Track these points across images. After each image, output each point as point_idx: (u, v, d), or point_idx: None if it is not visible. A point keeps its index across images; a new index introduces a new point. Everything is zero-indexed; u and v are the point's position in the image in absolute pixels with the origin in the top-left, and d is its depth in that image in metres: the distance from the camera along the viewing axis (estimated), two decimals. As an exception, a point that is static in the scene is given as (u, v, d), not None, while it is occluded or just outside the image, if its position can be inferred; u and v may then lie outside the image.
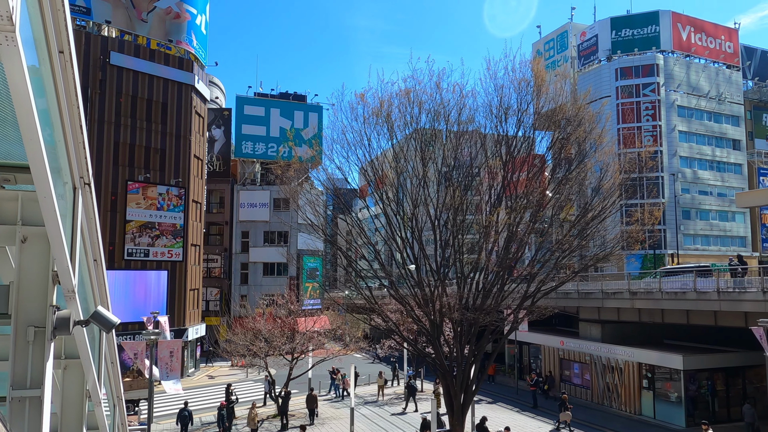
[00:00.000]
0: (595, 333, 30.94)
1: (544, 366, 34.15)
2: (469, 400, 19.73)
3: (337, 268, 29.85)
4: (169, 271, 37.29)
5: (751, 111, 75.30)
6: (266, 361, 26.52)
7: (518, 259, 19.54)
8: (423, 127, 19.19)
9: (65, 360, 4.75)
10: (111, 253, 35.35)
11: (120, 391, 7.25)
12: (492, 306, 18.77)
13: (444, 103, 18.70)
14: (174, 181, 37.83)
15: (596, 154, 17.74)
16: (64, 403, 4.70)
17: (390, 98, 18.96)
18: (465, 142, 19.11)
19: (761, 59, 77.88)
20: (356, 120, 18.40)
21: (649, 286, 27.50)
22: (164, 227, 37.28)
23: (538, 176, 17.99)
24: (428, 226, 19.26)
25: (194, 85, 39.25)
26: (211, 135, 50.70)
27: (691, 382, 25.60)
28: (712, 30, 70.88)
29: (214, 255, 51.36)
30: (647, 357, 27.24)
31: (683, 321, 25.81)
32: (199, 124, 41.19)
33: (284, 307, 28.04)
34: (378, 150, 19.19)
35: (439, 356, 19.36)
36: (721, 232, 68.11)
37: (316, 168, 23.26)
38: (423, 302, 18.69)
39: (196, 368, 40.55)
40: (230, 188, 52.26)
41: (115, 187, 35.63)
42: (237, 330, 27.27)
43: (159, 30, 38.68)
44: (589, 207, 17.31)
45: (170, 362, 16.03)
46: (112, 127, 35.67)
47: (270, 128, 53.11)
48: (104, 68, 35.32)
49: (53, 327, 3.45)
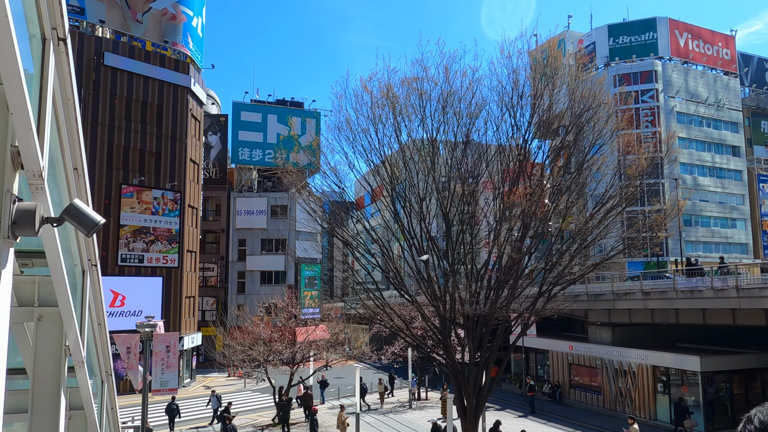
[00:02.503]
0: (605, 337, 29.95)
1: (553, 372, 33.07)
2: (482, 402, 18.67)
3: (342, 271, 28.74)
4: (164, 278, 36.12)
5: (749, 118, 75.21)
6: (266, 367, 25.35)
7: (534, 251, 18.60)
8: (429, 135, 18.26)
9: (39, 308, 4.10)
10: (104, 258, 34.20)
11: (110, 366, 6.52)
12: (505, 302, 17.81)
13: (453, 92, 17.88)
14: (169, 185, 36.83)
15: (616, 140, 16.92)
16: (37, 363, 4.10)
17: (390, 90, 18.10)
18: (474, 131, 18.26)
19: (758, 66, 78.02)
20: (363, 106, 17.51)
21: (661, 285, 26.62)
22: (159, 232, 36.19)
23: (553, 165, 17.14)
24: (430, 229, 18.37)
25: (190, 87, 38.43)
26: (207, 141, 49.82)
27: (709, 384, 24.61)
28: (709, 37, 70.98)
29: (211, 263, 50.22)
30: (662, 359, 26.25)
31: (699, 321, 24.88)
32: (195, 128, 40.30)
33: (284, 310, 26.90)
34: (384, 139, 18.29)
35: (450, 355, 18.32)
36: (722, 239, 67.51)
37: (313, 175, 22.51)
38: (432, 296, 17.69)
39: (192, 378, 39.21)
40: (227, 195, 51.26)
41: (109, 191, 34.58)
42: (236, 334, 26.13)
43: (154, 31, 37.92)
44: (611, 192, 16.46)
45: (167, 357, 14.89)
46: (106, 130, 34.72)
47: (267, 134, 52.24)
48: (98, 69, 34.46)
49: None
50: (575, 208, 18.74)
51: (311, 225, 37.45)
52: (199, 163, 41.23)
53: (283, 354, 24.83)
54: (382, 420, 26.83)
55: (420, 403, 31.20)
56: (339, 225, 21.20)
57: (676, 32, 68.47)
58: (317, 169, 22.77)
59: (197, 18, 40.84)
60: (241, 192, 51.98)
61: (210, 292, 49.46)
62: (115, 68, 35.06)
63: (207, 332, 45.32)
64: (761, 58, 78.65)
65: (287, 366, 25.55)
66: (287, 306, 27.14)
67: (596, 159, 16.99)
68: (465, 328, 17.96)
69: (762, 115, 76.70)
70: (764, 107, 76.70)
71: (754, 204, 70.87)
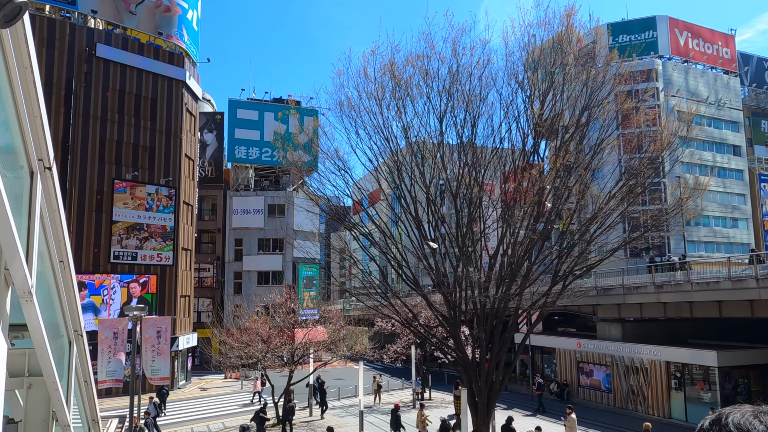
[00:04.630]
0: (614, 333, 28.96)
1: (560, 371, 32.03)
2: (495, 397, 17.62)
3: (341, 267, 27.64)
4: (158, 276, 34.98)
5: (749, 117, 74.76)
6: (264, 365, 24.21)
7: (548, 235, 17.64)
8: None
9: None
10: (96, 255, 33.11)
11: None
12: (518, 290, 16.81)
13: (462, 68, 16.91)
14: (164, 181, 35.76)
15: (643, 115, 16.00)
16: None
17: (394, 66, 17.13)
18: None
19: (757, 66, 77.62)
20: (368, 82, 16.51)
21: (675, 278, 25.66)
22: (153, 229, 35.08)
23: (571, 141, 16.21)
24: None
25: (185, 81, 37.44)
26: (203, 140, 48.75)
27: (726, 380, 23.64)
28: (709, 36, 70.57)
29: (206, 264, 49.07)
30: (676, 355, 25.26)
31: (715, 314, 23.93)
32: (190, 123, 39.28)
33: (283, 305, 25.76)
34: (390, 119, 17.30)
35: (461, 347, 17.29)
36: (724, 239, 66.80)
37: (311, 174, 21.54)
38: (441, 284, 16.66)
39: (188, 380, 37.97)
40: (223, 195, 50.18)
41: (101, 186, 33.48)
42: (233, 331, 24.99)
43: (148, 23, 36.94)
44: (631, 172, 15.54)
45: (158, 344, 13.70)
46: (98, 123, 33.66)
47: (264, 132, 51.16)
48: (90, 61, 33.44)
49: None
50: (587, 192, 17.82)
51: (311, 217, 36.49)
52: (194, 158, 40.17)
53: (281, 351, 23.68)
54: (384, 419, 25.71)
55: (424, 403, 30.06)
56: (341, 218, 20.14)
57: (676, 31, 68.03)
58: (315, 168, 21.67)
59: (192, 11, 39.91)
60: (237, 191, 50.90)
61: (206, 293, 48.28)
62: (108, 60, 34.06)
63: (203, 334, 44.07)
64: (761, 58, 78.29)
65: (285, 368, 24.40)
66: (286, 301, 26.00)
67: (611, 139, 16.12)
68: (476, 317, 16.94)
69: (762, 115, 76.30)
70: (764, 107, 76.28)
71: (755, 204, 70.33)
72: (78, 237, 32.18)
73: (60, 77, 32.51)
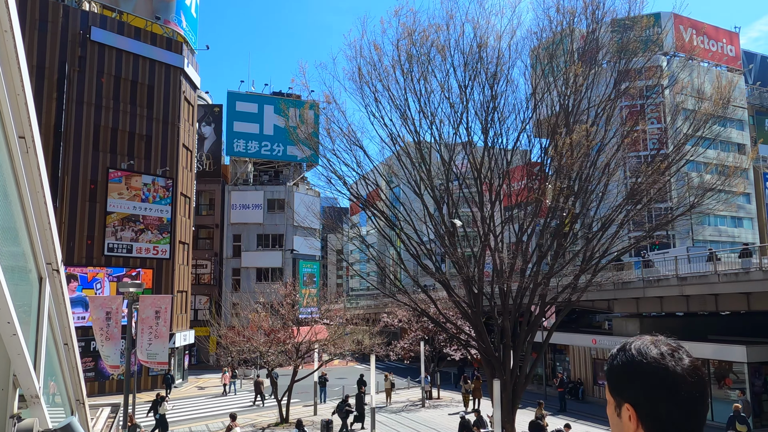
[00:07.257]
0: (632, 329, 27.70)
1: (574, 369, 30.75)
2: (520, 392, 16.34)
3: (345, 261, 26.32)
4: (154, 270, 33.52)
5: (753, 116, 73.95)
6: (267, 359, 22.80)
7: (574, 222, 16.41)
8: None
9: None
10: (89, 247, 31.65)
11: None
12: (547, 276, 15.55)
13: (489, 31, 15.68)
14: (161, 171, 34.34)
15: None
16: None
17: (412, 33, 15.89)
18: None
19: (761, 64, 76.82)
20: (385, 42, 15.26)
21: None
22: (149, 221, 33.65)
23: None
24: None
25: (183, 68, 36.06)
26: (200, 133, 47.37)
27: (756, 377, 22.39)
28: (713, 33, 69.74)
29: (204, 260, 47.58)
30: (702, 350, 23.93)
31: (743, 307, 22.73)
32: (188, 112, 37.89)
33: (288, 296, 24.36)
34: (409, 92, 16.03)
35: (484, 337, 15.99)
36: (729, 238, 65.73)
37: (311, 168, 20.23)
38: (461, 265, 15.36)
39: (184, 379, 36.44)
40: (221, 189, 48.77)
41: (95, 175, 32.03)
42: (234, 324, 23.60)
43: (145, 7, 35.59)
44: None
45: (156, 326, 12.29)
46: (92, 109, 32.24)
47: (264, 126, 49.86)
48: (84, 44, 32.04)
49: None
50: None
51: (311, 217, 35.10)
52: (192, 149, 38.77)
53: (286, 344, 22.28)
54: (395, 419, 24.37)
55: (433, 402, 28.78)
56: (365, 206, 18.82)
57: (681, 27, 67.15)
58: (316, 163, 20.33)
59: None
60: (236, 185, 49.51)
61: (203, 290, 46.78)
62: (103, 44, 32.66)
63: (200, 332, 42.56)
64: (765, 57, 77.52)
65: (288, 364, 23.02)
66: (290, 293, 24.61)
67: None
68: (503, 304, 15.65)
69: (766, 114, 75.44)
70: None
71: (760, 202, 69.35)
72: (70, 228, 30.76)
73: (52, 61, 31.11)
